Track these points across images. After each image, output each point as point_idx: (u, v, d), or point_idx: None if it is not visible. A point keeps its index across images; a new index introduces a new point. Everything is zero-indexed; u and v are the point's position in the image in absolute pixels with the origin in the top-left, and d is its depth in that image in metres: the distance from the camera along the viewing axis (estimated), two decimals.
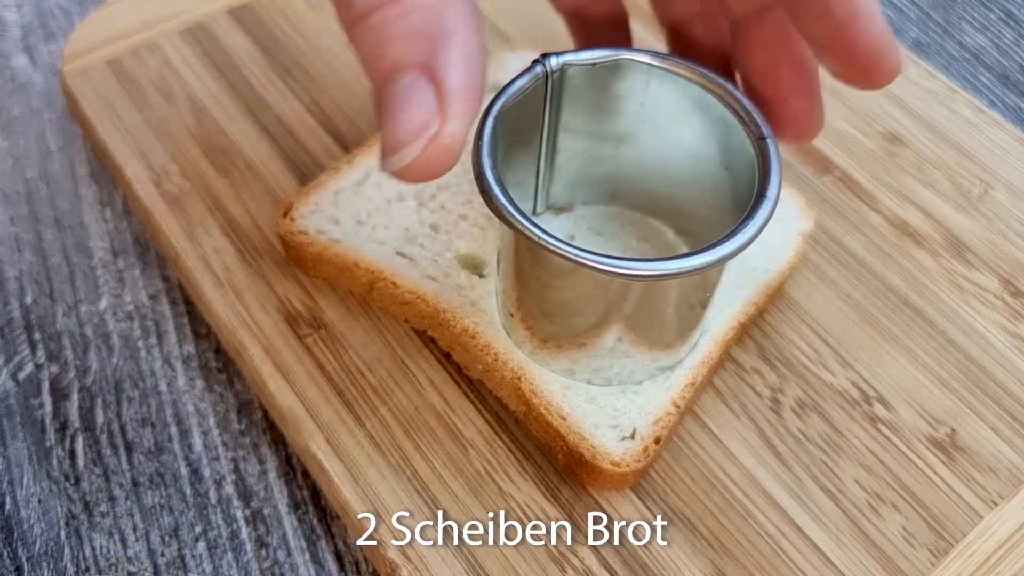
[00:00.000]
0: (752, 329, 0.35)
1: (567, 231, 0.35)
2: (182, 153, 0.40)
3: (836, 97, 0.42)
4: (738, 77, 0.30)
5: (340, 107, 0.41)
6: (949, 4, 0.51)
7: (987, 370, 0.35)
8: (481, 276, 0.34)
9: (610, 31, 0.33)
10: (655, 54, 0.29)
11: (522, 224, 0.26)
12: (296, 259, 0.35)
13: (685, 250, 0.34)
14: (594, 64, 0.29)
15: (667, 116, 0.30)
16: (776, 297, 0.36)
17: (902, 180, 0.40)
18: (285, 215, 0.35)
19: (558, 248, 0.25)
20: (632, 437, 0.31)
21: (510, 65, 0.40)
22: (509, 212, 0.26)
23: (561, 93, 0.30)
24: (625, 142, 0.32)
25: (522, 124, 0.25)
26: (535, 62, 0.28)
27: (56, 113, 0.44)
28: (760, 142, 0.28)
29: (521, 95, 0.28)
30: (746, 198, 0.28)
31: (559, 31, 0.33)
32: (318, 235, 0.35)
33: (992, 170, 0.40)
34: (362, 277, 0.34)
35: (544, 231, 0.26)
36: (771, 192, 0.27)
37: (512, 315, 0.31)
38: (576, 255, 0.25)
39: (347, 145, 0.40)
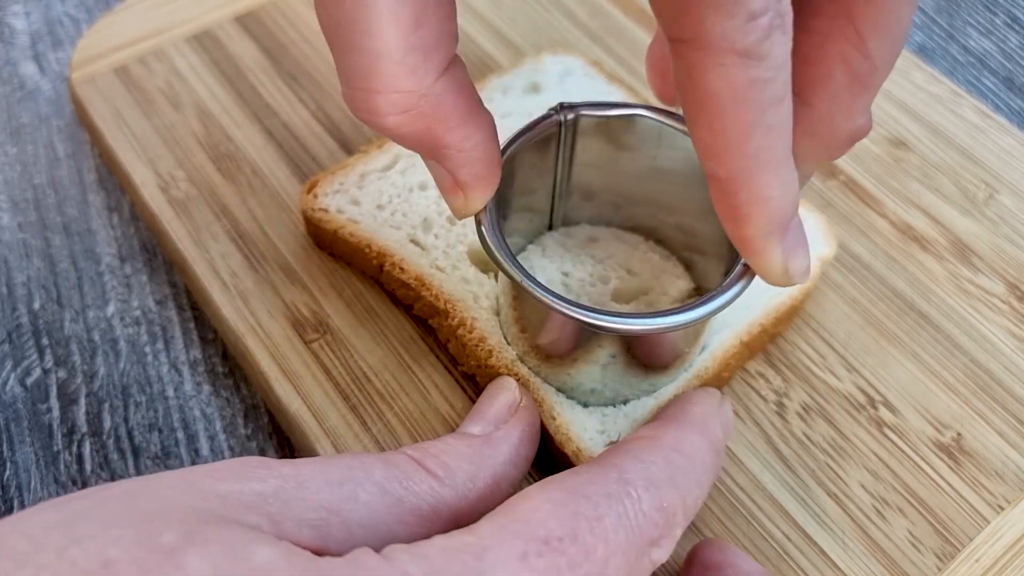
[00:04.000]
0: None
1: (571, 248, 0.35)
2: (189, 159, 0.40)
3: None
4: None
5: (346, 113, 0.42)
6: (954, 8, 0.51)
7: (993, 374, 0.34)
8: (486, 273, 0.34)
9: None
10: (668, 113, 0.30)
11: (521, 278, 0.27)
12: (314, 235, 0.37)
13: (681, 270, 0.35)
14: (608, 118, 0.30)
15: (679, 172, 0.31)
16: (789, 320, 0.35)
17: (907, 185, 0.40)
18: (309, 191, 0.36)
19: (549, 300, 0.26)
20: (617, 441, 0.31)
21: (549, 68, 0.40)
22: (505, 259, 0.27)
23: (575, 138, 0.31)
24: (637, 186, 0.33)
25: (539, 158, 0.26)
26: (551, 111, 0.30)
27: (64, 120, 0.44)
28: None
29: (530, 142, 0.30)
30: None
31: (562, 35, 0.33)
32: (337, 214, 0.36)
33: (997, 174, 0.40)
34: (373, 259, 0.35)
35: (541, 285, 0.27)
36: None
37: (508, 317, 0.31)
38: (564, 308, 0.26)
39: (352, 151, 0.40)
